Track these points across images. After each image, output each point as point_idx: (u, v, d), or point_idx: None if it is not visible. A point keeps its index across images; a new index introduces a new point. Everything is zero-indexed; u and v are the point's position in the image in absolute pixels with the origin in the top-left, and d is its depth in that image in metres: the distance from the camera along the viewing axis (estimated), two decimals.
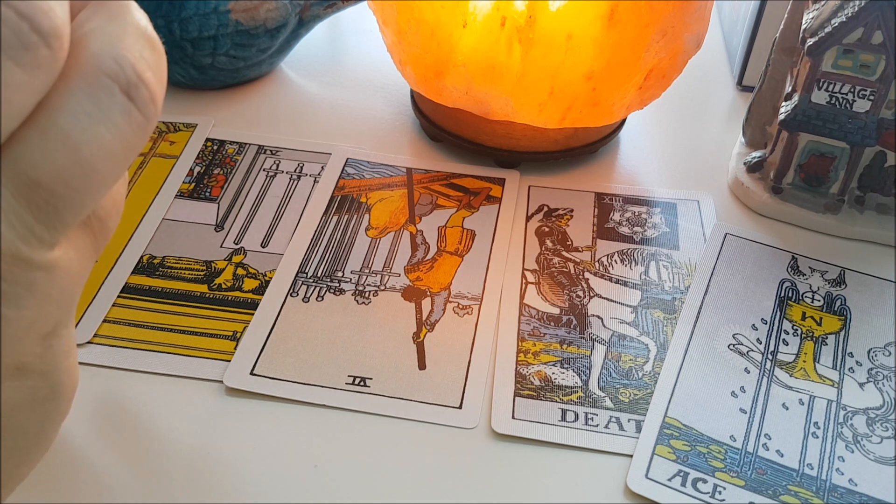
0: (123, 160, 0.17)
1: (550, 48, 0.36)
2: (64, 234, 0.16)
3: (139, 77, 0.16)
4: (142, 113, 0.17)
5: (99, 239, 0.18)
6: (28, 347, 0.17)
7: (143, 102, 0.17)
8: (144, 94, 0.17)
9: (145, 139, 0.17)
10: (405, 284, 0.37)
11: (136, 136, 0.17)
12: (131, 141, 0.17)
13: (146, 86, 0.17)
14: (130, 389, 0.32)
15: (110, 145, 0.16)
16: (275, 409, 0.31)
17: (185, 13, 0.44)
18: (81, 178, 0.16)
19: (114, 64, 0.16)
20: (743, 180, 0.42)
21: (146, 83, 0.17)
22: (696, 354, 0.34)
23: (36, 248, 0.16)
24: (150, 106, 0.17)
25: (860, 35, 0.36)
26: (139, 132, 0.17)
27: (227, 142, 0.45)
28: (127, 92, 0.16)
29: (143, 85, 0.17)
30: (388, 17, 0.40)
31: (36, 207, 0.15)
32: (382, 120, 0.47)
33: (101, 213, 0.18)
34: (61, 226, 0.16)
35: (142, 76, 0.17)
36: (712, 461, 0.30)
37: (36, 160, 0.15)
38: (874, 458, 0.31)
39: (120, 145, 0.16)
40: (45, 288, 0.16)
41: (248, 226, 0.39)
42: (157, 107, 0.17)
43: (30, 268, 0.16)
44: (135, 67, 0.16)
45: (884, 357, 0.34)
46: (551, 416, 0.31)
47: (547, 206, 0.41)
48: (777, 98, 0.42)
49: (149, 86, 0.17)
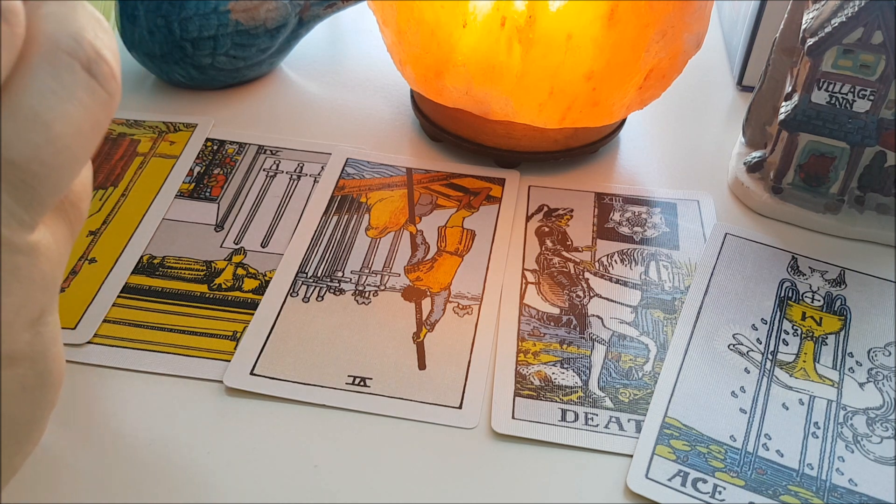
0: (92, 136, 0.17)
1: (550, 48, 0.36)
2: (42, 216, 0.17)
3: (97, 53, 0.17)
4: (104, 88, 0.17)
5: (74, 223, 0.19)
6: (16, 334, 0.17)
7: (105, 78, 0.17)
8: (105, 70, 0.17)
9: (110, 115, 0.18)
10: (405, 284, 0.37)
11: (101, 111, 0.17)
12: (97, 117, 0.17)
13: (105, 62, 0.17)
14: (130, 389, 0.32)
15: (79, 122, 0.16)
16: (275, 409, 0.31)
17: (185, 13, 0.44)
18: (54, 155, 0.16)
19: (72, 41, 0.17)
20: (743, 180, 0.42)
21: (105, 59, 0.17)
22: (696, 354, 0.34)
23: (16, 231, 0.16)
24: (111, 81, 0.17)
25: (860, 35, 0.36)
26: (104, 108, 0.17)
27: (227, 142, 0.45)
28: (88, 68, 0.17)
29: (102, 61, 0.17)
30: (388, 17, 0.40)
31: (13, 188, 0.16)
32: (382, 120, 0.47)
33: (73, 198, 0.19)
34: (39, 206, 0.16)
35: (100, 52, 0.17)
36: (712, 461, 0.30)
37: (8, 141, 0.15)
38: (874, 458, 0.31)
39: (88, 121, 0.17)
40: (29, 272, 0.17)
41: (248, 226, 0.40)
42: (117, 82, 0.17)
43: (12, 251, 0.16)
44: (92, 44, 0.17)
45: (884, 357, 0.34)
46: (551, 416, 0.31)
47: (547, 206, 0.41)
48: (777, 98, 0.42)
49: (108, 62, 0.17)
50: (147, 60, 0.47)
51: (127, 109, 0.47)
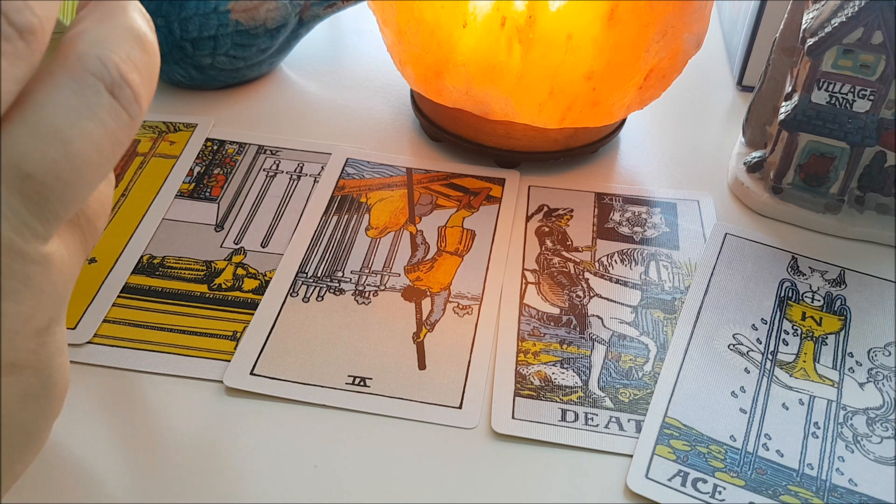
0: (111, 155, 0.17)
1: (550, 48, 0.36)
2: (56, 228, 0.17)
3: (123, 77, 0.17)
4: (127, 112, 0.17)
5: (88, 239, 0.19)
6: (23, 343, 0.17)
7: (128, 101, 0.17)
8: (128, 94, 0.17)
9: (131, 136, 0.18)
10: (405, 284, 0.37)
11: (122, 132, 0.17)
12: (118, 137, 0.17)
13: (130, 86, 0.17)
14: (130, 389, 0.32)
15: (98, 140, 0.17)
16: (275, 409, 0.31)
17: (185, 13, 0.44)
18: (72, 171, 0.16)
19: (98, 64, 0.17)
20: (743, 180, 0.42)
21: (130, 83, 0.17)
22: (696, 354, 0.34)
23: (30, 242, 0.16)
24: (133, 105, 0.18)
25: (860, 35, 0.36)
26: (125, 129, 0.18)
27: (227, 142, 0.45)
28: (112, 91, 0.17)
29: (126, 85, 0.17)
30: (388, 17, 0.40)
31: (29, 201, 0.16)
32: (382, 120, 0.47)
33: (89, 214, 0.19)
34: (54, 219, 0.17)
35: (126, 77, 0.17)
36: (712, 461, 0.30)
37: (27, 154, 0.16)
38: (874, 458, 0.31)
39: (107, 141, 0.17)
40: (40, 283, 0.17)
41: (248, 226, 0.40)
42: (141, 106, 0.18)
43: (25, 261, 0.16)
44: (118, 68, 0.17)
45: (884, 357, 0.34)
46: (551, 416, 0.31)
47: (547, 206, 0.41)
48: (777, 98, 0.42)
49: (132, 86, 0.18)
50: None
51: None
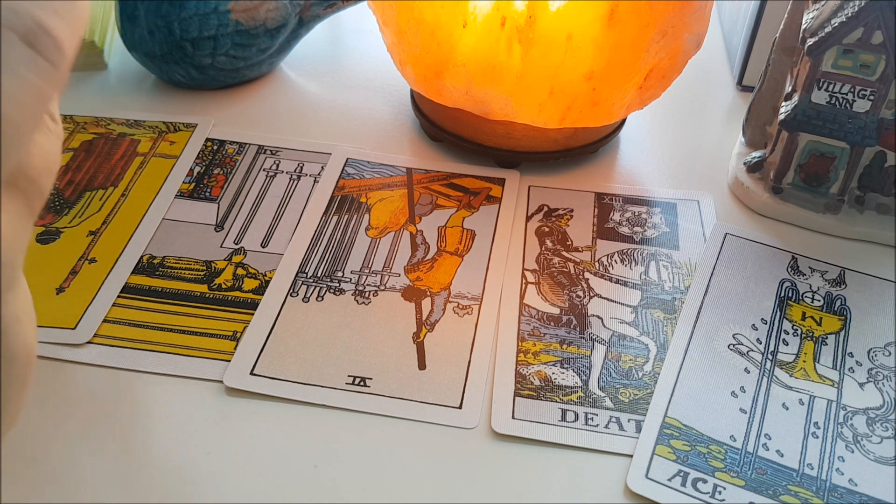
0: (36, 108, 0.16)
1: (550, 48, 0.36)
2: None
3: (39, 24, 0.16)
4: (47, 60, 0.16)
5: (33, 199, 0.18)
6: None
7: (48, 49, 0.16)
8: (47, 42, 0.16)
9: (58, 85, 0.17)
10: (405, 284, 0.37)
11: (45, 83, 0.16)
12: (41, 89, 0.16)
13: (49, 33, 0.16)
14: (130, 389, 0.32)
15: (17, 96, 0.16)
16: (275, 409, 0.31)
17: (185, 13, 0.44)
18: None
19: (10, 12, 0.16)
20: (743, 180, 0.42)
21: (49, 30, 0.16)
22: (696, 354, 0.34)
23: None
24: (55, 53, 0.16)
25: (860, 35, 0.36)
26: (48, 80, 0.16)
27: (227, 142, 0.45)
28: (27, 40, 0.16)
29: (43, 32, 0.16)
30: (388, 17, 0.40)
31: None
32: (382, 120, 0.47)
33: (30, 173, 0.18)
34: None
35: (43, 24, 0.16)
36: (712, 461, 0.30)
37: None
38: (874, 458, 0.31)
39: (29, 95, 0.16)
40: None
41: (248, 226, 0.40)
42: (64, 53, 0.17)
43: None
44: (32, 15, 0.16)
45: (884, 357, 0.34)
46: (551, 416, 0.31)
47: (547, 206, 0.41)
48: (777, 98, 0.42)
49: (52, 32, 0.16)
50: (147, 60, 0.47)
51: (127, 109, 0.47)
